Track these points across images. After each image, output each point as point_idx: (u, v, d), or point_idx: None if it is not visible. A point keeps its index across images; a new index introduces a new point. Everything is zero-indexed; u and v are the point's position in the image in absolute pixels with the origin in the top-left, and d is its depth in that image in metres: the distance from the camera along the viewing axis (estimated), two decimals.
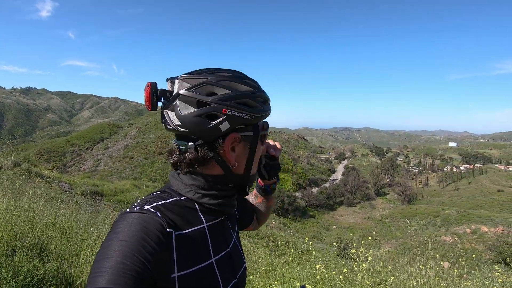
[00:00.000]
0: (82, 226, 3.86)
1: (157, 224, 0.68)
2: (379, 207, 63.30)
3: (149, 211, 0.70)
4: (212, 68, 0.80)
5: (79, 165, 63.93)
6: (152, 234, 0.66)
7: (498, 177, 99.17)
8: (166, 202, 0.77)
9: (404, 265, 3.28)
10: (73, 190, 10.68)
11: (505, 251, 14.53)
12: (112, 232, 0.67)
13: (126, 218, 0.68)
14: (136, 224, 0.66)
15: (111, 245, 0.63)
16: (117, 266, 0.60)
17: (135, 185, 16.71)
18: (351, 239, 18.51)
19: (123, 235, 0.64)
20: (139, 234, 0.65)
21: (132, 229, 0.65)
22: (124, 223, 0.67)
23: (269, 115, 0.87)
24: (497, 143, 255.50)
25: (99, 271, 0.60)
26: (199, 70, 0.79)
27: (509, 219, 31.88)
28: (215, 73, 0.78)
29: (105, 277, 0.59)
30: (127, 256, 0.61)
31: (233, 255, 0.89)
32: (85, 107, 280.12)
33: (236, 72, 0.82)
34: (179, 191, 0.82)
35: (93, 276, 0.60)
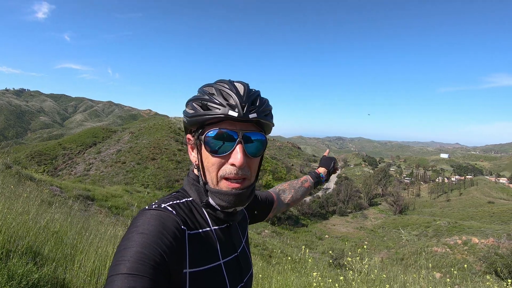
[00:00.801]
0: (76, 231, 3.83)
1: (173, 221, 0.74)
2: (371, 217, 63.46)
3: (166, 209, 0.77)
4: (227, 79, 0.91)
5: (70, 169, 63.18)
6: (169, 229, 0.72)
7: (488, 188, 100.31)
8: (179, 202, 0.84)
9: (397, 274, 3.31)
10: (64, 194, 10.56)
11: (496, 262, 14.62)
12: (132, 226, 0.72)
13: (145, 214, 0.75)
14: (155, 219, 0.72)
15: (131, 237, 0.68)
16: (137, 255, 0.64)
17: (127, 191, 16.58)
18: (343, 249, 18.51)
19: (143, 228, 0.70)
20: (158, 228, 0.70)
21: (151, 223, 0.71)
22: (143, 218, 0.73)
23: (211, 119, 0.82)
24: (488, 155, 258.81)
25: (120, 260, 0.64)
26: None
27: (500, 230, 32.12)
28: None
29: (126, 265, 0.63)
30: (146, 247, 0.66)
31: (241, 260, 0.93)
32: (79, 111, 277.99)
33: (219, 80, 0.89)
34: (189, 193, 0.90)
35: (115, 264, 0.65)
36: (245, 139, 0.83)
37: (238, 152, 0.80)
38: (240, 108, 0.80)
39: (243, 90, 0.84)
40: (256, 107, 0.83)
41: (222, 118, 0.80)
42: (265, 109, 0.86)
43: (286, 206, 1.37)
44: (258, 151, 0.86)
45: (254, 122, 0.85)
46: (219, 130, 0.81)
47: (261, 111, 0.84)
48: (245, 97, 0.82)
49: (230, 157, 0.81)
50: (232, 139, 0.81)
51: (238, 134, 0.81)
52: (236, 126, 0.82)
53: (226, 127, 0.81)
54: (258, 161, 0.89)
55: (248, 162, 0.84)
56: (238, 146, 0.81)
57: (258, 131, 0.86)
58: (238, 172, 0.81)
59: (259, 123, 0.86)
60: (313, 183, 1.47)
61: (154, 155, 64.80)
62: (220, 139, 0.81)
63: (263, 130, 0.88)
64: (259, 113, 0.83)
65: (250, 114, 0.81)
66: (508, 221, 49.41)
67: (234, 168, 0.81)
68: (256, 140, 0.85)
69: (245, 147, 0.82)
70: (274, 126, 0.93)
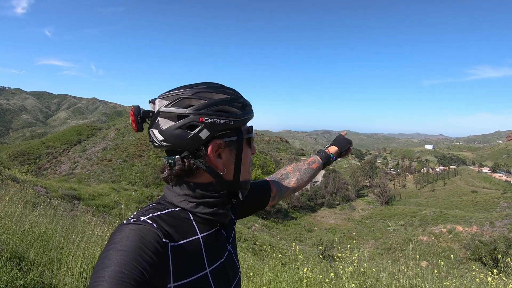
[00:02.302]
0: (62, 233, 3.75)
1: (154, 235, 0.70)
2: (358, 208, 64.45)
3: (145, 222, 0.72)
4: (189, 84, 0.84)
5: (55, 168, 61.91)
6: (149, 244, 0.68)
7: (472, 178, 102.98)
8: (161, 214, 0.79)
9: (385, 266, 3.36)
10: (50, 194, 10.35)
11: (480, 249, 15.06)
12: (110, 243, 0.68)
13: (123, 229, 0.70)
14: (133, 234, 0.68)
15: (109, 255, 0.64)
16: (116, 275, 0.61)
17: (114, 189, 16.36)
18: (332, 241, 18.73)
19: (121, 245, 0.66)
20: (137, 244, 0.66)
21: (130, 239, 0.67)
22: (122, 234, 0.68)
23: (251, 119, 0.89)
24: (471, 146, 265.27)
25: (98, 280, 0.61)
26: (177, 87, 0.83)
27: (483, 218, 33.07)
28: (191, 87, 0.82)
29: (105, 286, 0.59)
30: (125, 265, 0.62)
31: (227, 266, 0.90)
32: (62, 108, 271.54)
33: (211, 84, 0.85)
34: (173, 202, 0.84)
35: (93, 286, 0.61)
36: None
37: (254, 141, 0.94)
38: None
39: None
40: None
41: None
42: None
43: (292, 190, 1.32)
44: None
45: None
46: (251, 126, 0.91)
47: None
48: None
49: (252, 148, 0.93)
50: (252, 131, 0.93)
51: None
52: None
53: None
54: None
55: None
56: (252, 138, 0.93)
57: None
58: (252, 159, 0.94)
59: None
60: (322, 164, 1.42)
61: (141, 152, 64.10)
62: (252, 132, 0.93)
63: None
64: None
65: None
66: (491, 209, 50.92)
67: (251, 156, 0.93)
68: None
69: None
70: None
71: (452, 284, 2.94)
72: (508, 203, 50.75)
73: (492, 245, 14.73)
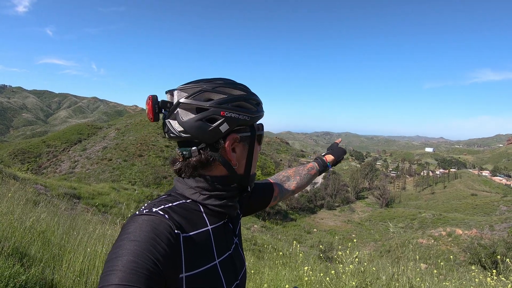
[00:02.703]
0: (63, 230, 3.76)
1: (166, 226, 0.71)
2: (358, 210, 64.39)
3: (157, 213, 0.73)
4: (206, 78, 0.86)
5: (55, 166, 61.85)
6: (162, 235, 0.69)
7: (471, 181, 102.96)
8: (173, 205, 0.80)
9: (386, 266, 3.38)
10: (50, 193, 10.37)
11: (479, 252, 15.05)
12: (122, 233, 0.69)
13: (136, 220, 0.71)
14: (146, 225, 0.69)
15: (122, 245, 0.65)
16: (129, 264, 0.62)
17: (114, 188, 16.39)
18: (331, 242, 18.72)
19: (134, 235, 0.67)
20: (150, 234, 0.67)
21: (143, 229, 0.68)
22: (135, 225, 0.70)
23: (262, 117, 0.93)
24: (471, 149, 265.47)
25: (112, 269, 0.62)
26: (195, 80, 0.86)
27: (482, 222, 33.04)
28: (210, 82, 0.84)
29: (118, 275, 0.60)
30: (139, 255, 0.63)
31: (234, 258, 0.92)
32: (63, 107, 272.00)
33: (228, 80, 0.88)
34: (185, 194, 0.86)
35: (106, 274, 0.62)
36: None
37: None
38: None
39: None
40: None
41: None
42: None
43: (291, 192, 1.38)
44: None
45: None
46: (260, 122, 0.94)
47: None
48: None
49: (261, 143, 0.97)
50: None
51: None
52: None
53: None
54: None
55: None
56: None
57: None
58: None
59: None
60: (318, 171, 1.48)
61: (141, 151, 64.02)
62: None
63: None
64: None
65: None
66: (491, 212, 50.86)
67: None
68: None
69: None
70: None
71: (451, 285, 2.95)
72: (507, 206, 50.70)
73: (491, 249, 14.73)
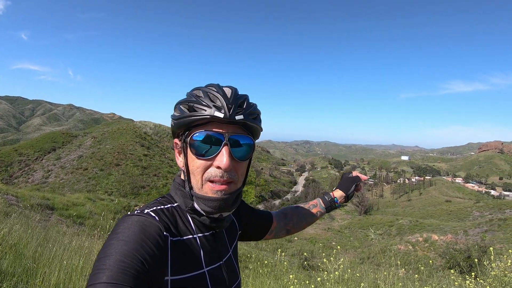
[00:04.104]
0: (38, 242, 3.59)
1: (155, 227, 0.73)
2: (338, 218, 65.02)
3: (148, 215, 0.75)
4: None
5: (27, 176, 59.58)
6: (150, 236, 0.70)
7: (446, 188, 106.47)
8: (163, 208, 0.82)
9: (368, 273, 3.40)
10: (21, 204, 9.92)
11: (455, 257, 15.47)
12: (112, 233, 0.70)
13: (127, 220, 0.73)
14: (136, 225, 0.71)
15: (111, 244, 0.67)
16: (117, 263, 0.63)
17: (89, 198, 15.83)
18: (312, 251, 18.76)
19: (123, 235, 0.68)
20: (138, 235, 0.69)
21: (132, 230, 0.70)
22: (125, 225, 0.71)
23: (195, 120, 0.81)
24: (445, 157, 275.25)
25: (100, 268, 0.62)
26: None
27: (457, 227, 34.05)
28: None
29: (106, 274, 0.61)
30: (126, 255, 0.64)
31: (225, 268, 0.90)
32: (36, 114, 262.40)
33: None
34: (174, 197, 0.89)
35: (94, 273, 0.62)
36: (232, 141, 0.82)
37: (224, 155, 0.79)
38: (226, 110, 0.79)
39: (231, 93, 0.84)
40: (243, 109, 0.83)
41: (208, 119, 0.80)
42: (252, 112, 0.85)
43: (285, 232, 1.29)
44: (246, 154, 0.85)
45: (241, 125, 0.84)
46: (204, 131, 0.80)
47: (248, 113, 0.83)
48: (232, 99, 0.82)
49: (216, 160, 0.80)
50: (218, 141, 0.80)
51: (225, 136, 0.80)
52: (222, 128, 0.81)
53: (213, 129, 0.81)
54: (245, 165, 0.88)
55: (235, 166, 0.83)
56: (224, 148, 0.80)
57: (246, 134, 0.85)
58: (224, 175, 0.80)
59: (246, 126, 0.85)
60: (324, 208, 1.34)
61: (118, 160, 62.67)
62: (206, 141, 0.80)
63: (251, 133, 0.87)
64: (246, 115, 0.82)
65: (237, 115, 0.80)
66: (464, 218, 52.52)
67: (220, 171, 0.80)
68: (244, 144, 0.84)
69: (231, 150, 0.81)
70: (262, 131, 0.92)
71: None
72: (480, 212, 52.52)
73: (466, 253, 15.17)
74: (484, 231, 30.07)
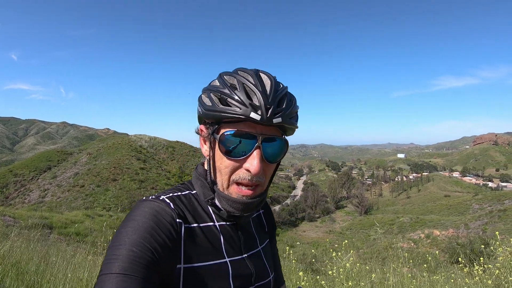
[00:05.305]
0: (40, 258, 3.53)
1: (168, 214, 0.71)
2: (339, 220, 65.03)
3: (163, 201, 0.74)
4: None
5: (23, 196, 58.98)
6: (162, 223, 0.69)
7: (444, 183, 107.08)
8: (181, 194, 0.80)
9: (375, 267, 3.40)
10: (19, 224, 9.81)
11: (457, 251, 15.47)
12: (126, 219, 0.70)
13: (141, 206, 0.72)
14: (149, 213, 0.70)
15: (123, 232, 0.66)
16: (128, 253, 0.63)
17: (88, 215, 15.69)
18: (315, 255, 18.64)
19: (136, 223, 0.67)
20: (149, 223, 0.68)
21: (145, 216, 0.69)
22: (138, 211, 0.70)
23: (228, 116, 0.73)
24: (440, 152, 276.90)
25: (112, 258, 0.63)
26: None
27: (457, 221, 34.15)
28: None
29: (118, 264, 0.61)
30: (138, 245, 0.64)
31: (251, 262, 0.85)
32: (30, 134, 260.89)
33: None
34: (194, 186, 0.86)
35: (107, 262, 0.63)
36: (265, 143, 0.75)
37: (255, 158, 0.73)
38: (264, 111, 0.71)
39: (270, 86, 0.75)
40: (283, 110, 0.74)
41: (243, 119, 0.71)
42: (292, 112, 0.77)
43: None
44: (278, 157, 0.78)
45: (278, 126, 0.76)
46: (237, 131, 0.73)
47: (288, 114, 0.75)
48: (271, 96, 0.73)
49: (246, 162, 0.74)
50: (250, 142, 0.73)
51: (258, 138, 0.73)
52: (256, 128, 0.73)
53: (245, 128, 0.73)
54: (274, 166, 0.82)
55: (264, 168, 0.76)
56: (256, 152, 0.73)
57: (280, 135, 0.78)
58: (253, 179, 0.74)
59: (282, 127, 0.77)
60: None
61: (115, 175, 62.34)
62: (237, 141, 0.73)
63: (285, 133, 0.81)
64: (285, 117, 0.74)
65: (275, 118, 0.72)
66: (464, 212, 52.67)
67: (249, 174, 0.74)
68: (277, 146, 0.77)
69: (263, 152, 0.74)
70: (298, 128, 0.83)
71: (441, 278, 3.01)
72: (479, 204, 52.70)
73: (469, 246, 15.18)
74: (485, 223, 30.18)
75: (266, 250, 0.95)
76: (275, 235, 1.08)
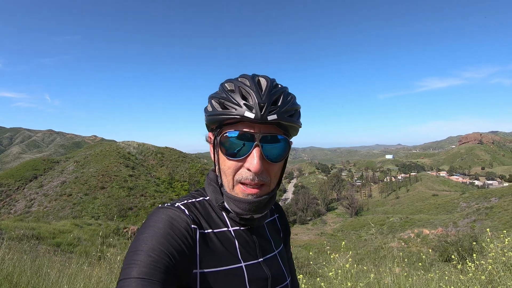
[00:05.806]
0: (33, 270, 3.46)
1: (183, 220, 0.74)
2: (330, 222, 65.40)
3: (178, 208, 0.77)
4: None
5: (9, 207, 57.47)
6: (177, 229, 0.71)
7: (431, 182, 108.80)
8: (195, 201, 0.84)
9: (370, 268, 3.44)
10: (5, 235, 9.57)
11: (447, 250, 15.68)
12: (143, 226, 0.73)
13: (157, 213, 0.75)
14: (164, 219, 0.72)
15: (141, 238, 0.69)
16: (147, 259, 0.64)
17: (76, 225, 15.40)
18: (307, 257, 18.71)
19: (153, 229, 0.70)
20: (166, 229, 0.70)
21: (162, 222, 0.71)
22: (155, 218, 0.73)
23: (226, 118, 0.77)
24: (427, 152, 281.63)
25: (131, 263, 0.65)
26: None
27: (446, 220, 34.71)
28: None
29: (137, 269, 0.63)
30: (154, 250, 0.66)
31: (267, 267, 0.86)
32: (15, 142, 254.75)
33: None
34: (207, 192, 0.88)
35: (126, 268, 0.65)
36: (264, 142, 0.77)
37: (254, 157, 0.75)
38: (258, 109, 0.73)
39: (266, 86, 0.77)
40: (278, 107, 0.76)
41: (239, 119, 0.75)
42: (288, 109, 0.78)
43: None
44: (279, 155, 0.80)
45: (275, 124, 0.77)
46: (234, 131, 0.76)
47: (283, 111, 0.76)
48: (266, 95, 0.75)
49: (246, 161, 0.76)
50: (249, 142, 0.76)
51: (256, 136, 0.75)
52: (254, 128, 0.76)
53: (244, 128, 0.76)
54: (279, 166, 0.83)
55: (267, 167, 0.78)
56: (255, 150, 0.75)
57: (280, 133, 0.79)
58: (255, 178, 0.76)
59: (280, 125, 0.78)
60: None
61: (103, 183, 61.28)
62: (236, 141, 0.76)
63: (287, 132, 0.81)
64: (280, 114, 0.76)
65: (270, 115, 0.74)
66: (452, 210, 53.63)
67: (250, 173, 0.76)
68: (277, 144, 0.79)
69: (263, 151, 0.76)
70: (301, 127, 0.85)
71: (435, 275, 3.07)
72: (467, 203, 53.74)
73: (458, 244, 15.42)
74: (473, 221, 30.75)
75: (282, 254, 0.96)
76: (289, 239, 1.10)
